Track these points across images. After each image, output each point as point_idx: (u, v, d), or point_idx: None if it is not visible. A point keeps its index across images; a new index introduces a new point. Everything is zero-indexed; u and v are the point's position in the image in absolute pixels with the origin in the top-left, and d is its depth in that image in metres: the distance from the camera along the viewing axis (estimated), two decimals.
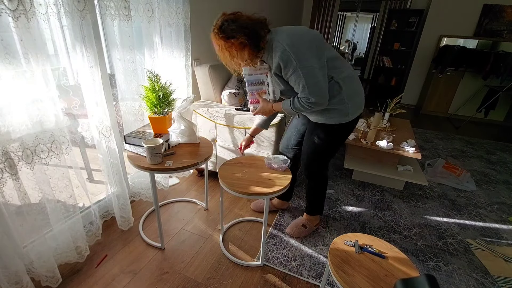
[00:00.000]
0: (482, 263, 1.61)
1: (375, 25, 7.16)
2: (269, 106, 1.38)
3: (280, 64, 1.18)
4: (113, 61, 1.57)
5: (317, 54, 1.19)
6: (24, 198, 1.15)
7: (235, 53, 1.19)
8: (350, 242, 1.07)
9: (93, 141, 1.51)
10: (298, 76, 1.17)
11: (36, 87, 1.11)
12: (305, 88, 1.18)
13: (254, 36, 1.17)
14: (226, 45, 1.18)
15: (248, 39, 1.15)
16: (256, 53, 1.21)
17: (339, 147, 1.51)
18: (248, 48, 1.17)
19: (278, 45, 1.16)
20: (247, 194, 1.27)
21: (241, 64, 1.26)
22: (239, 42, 1.15)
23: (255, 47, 1.19)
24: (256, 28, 1.18)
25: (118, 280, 1.37)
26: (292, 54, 1.14)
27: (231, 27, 1.16)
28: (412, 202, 2.17)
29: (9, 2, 0.97)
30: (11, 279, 1.15)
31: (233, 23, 1.16)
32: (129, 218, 1.71)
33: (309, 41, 1.18)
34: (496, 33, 4.30)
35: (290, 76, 1.20)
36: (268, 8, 3.60)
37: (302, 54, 1.15)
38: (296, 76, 1.17)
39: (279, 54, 1.16)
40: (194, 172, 2.39)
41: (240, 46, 1.16)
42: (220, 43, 1.19)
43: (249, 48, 1.18)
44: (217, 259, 1.53)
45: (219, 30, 1.17)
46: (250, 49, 1.18)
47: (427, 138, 3.67)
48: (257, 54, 1.22)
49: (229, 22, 1.17)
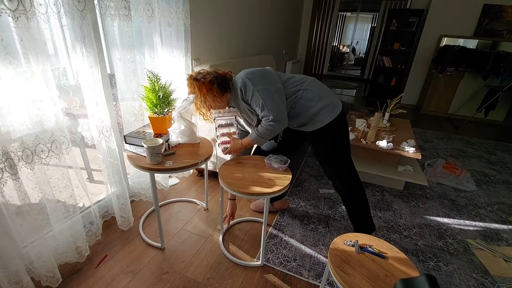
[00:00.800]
0: (482, 263, 1.61)
1: (375, 25, 7.17)
2: (239, 143, 1.48)
3: (242, 90, 1.36)
4: (113, 61, 1.57)
5: (270, 82, 1.37)
6: (24, 198, 1.15)
7: (205, 91, 1.39)
8: (350, 242, 1.07)
9: (93, 141, 1.51)
10: (256, 97, 1.33)
11: (36, 87, 1.11)
12: (264, 106, 1.32)
13: (220, 77, 1.42)
14: (198, 84, 1.40)
15: (215, 78, 1.40)
16: (223, 91, 1.42)
17: (347, 142, 1.52)
18: (216, 86, 1.39)
19: (238, 80, 1.38)
20: (247, 194, 1.27)
21: (212, 106, 1.45)
22: (209, 80, 1.38)
23: (222, 86, 1.41)
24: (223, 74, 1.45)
25: (118, 280, 1.37)
26: (248, 81, 1.34)
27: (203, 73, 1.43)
28: (412, 202, 2.17)
29: (9, 2, 0.97)
30: (11, 279, 1.15)
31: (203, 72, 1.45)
32: (129, 218, 1.71)
33: (258, 72, 1.39)
34: (496, 33, 4.30)
35: (250, 99, 1.36)
36: (268, 8, 3.60)
37: (257, 81, 1.35)
38: (255, 97, 1.34)
39: (239, 83, 1.36)
40: (194, 172, 2.39)
41: (210, 84, 1.38)
42: (192, 84, 1.42)
43: (217, 86, 1.39)
44: (217, 259, 1.53)
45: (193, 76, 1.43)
46: (218, 86, 1.40)
47: (427, 138, 3.67)
48: (224, 92, 1.43)
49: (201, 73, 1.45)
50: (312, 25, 5.42)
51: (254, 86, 1.33)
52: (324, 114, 1.39)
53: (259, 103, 1.33)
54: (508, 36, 4.25)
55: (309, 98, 1.39)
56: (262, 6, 3.39)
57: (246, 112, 1.48)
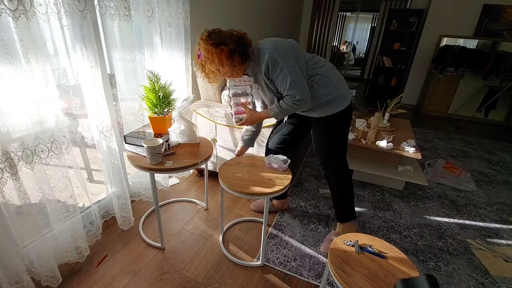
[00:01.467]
0: (482, 263, 1.61)
1: (375, 25, 7.16)
2: (257, 115, 1.42)
3: (268, 65, 1.24)
4: (113, 61, 1.57)
5: (297, 58, 1.30)
6: (24, 198, 1.15)
7: (224, 60, 1.24)
8: (350, 242, 1.07)
9: (93, 141, 1.51)
10: (285, 74, 1.23)
11: (36, 87, 1.11)
12: (292, 84, 1.24)
13: (241, 43, 1.25)
14: (216, 51, 1.22)
15: (237, 45, 1.23)
16: (244, 61, 1.28)
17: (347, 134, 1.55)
18: (238, 55, 1.25)
19: (264, 50, 1.25)
20: (247, 194, 1.27)
21: (227, 74, 1.31)
22: (229, 49, 1.22)
23: (243, 55, 1.27)
24: (242, 37, 1.27)
25: (118, 280, 1.37)
26: (278, 55, 1.23)
27: (219, 35, 1.23)
28: (412, 202, 2.17)
29: (9, 2, 0.97)
30: (12, 278, 1.15)
31: (220, 33, 1.25)
32: (130, 217, 1.71)
33: (288, 46, 1.30)
34: (496, 33, 4.30)
35: (277, 76, 1.25)
36: (268, 8, 3.60)
37: (286, 55, 1.24)
38: (283, 74, 1.24)
39: (267, 56, 1.23)
40: (194, 172, 2.39)
41: (229, 53, 1.23)
42: (209, 49, 1.23)
43: (238, 55, 1.25)
44: (217, 259, 1.53)
45: (209, 38, 1.23)
46: (239, 56, 1.25)
47: (427, 138, 3.67)
48: (244, 62, 1.29)
49: (216, 33, 1.24)
50: (312, 25, 5.42)
51: (284, 62, 1.23)
52: (336, 103, 1.39)
53: (287, 80, 1.24)
54: (508, 36, 4.25)
55: (324, 85, 1.36)
56: (262, 6, 3.39)
57: (261, 84, 1.39)
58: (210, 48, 1.22)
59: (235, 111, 1.45)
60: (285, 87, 1.26)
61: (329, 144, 1.52)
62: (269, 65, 1.24)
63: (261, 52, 1.26)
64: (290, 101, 1.28)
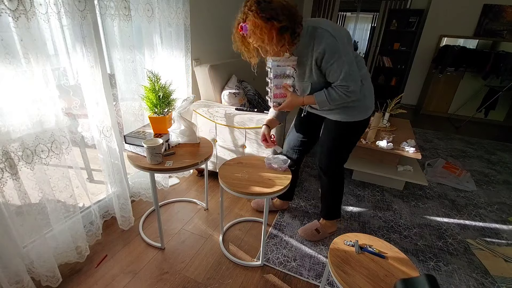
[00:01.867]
0: (482, 263, 1.61)
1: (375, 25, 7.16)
2: (299, 100, 1.30)
3: (325, 50, 1.12)
4: (113, 61, 1.57)
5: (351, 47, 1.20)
6: (24, 198, 1.15)
7: (273, 37, 1.07)
8: (350, 242, 1.07)
9: (93, 141, 1.51)
10: (341, 63, 1.13)
11: (36, 87, 1.11)
12: (347, 74, 1.14)
13: (294, 20, 1.09)
14: (266, 27, 1.05)
15: (289, 22, 1.07)
16: (294, 40, 1.12)
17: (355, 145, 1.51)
18: (289, 33, 1.09)
19: (324, 33, 1.11)
20: (247, 194, 1.27)
21: (272, 52, 1.15)
22: (281, 26, 1.06)
23: (294, 33, 1.11)
24: (295, 12, 1.10)
25: (118, 280, 1.37)
26: (338, 41, 1.11)
27: (270, 7, 1.04)
28: (412, 202, 2.17)
29: (9, 2, 0.97)
30: (12, 278, 1.15)
31: (270, 4, 1.05)
32: (130, 217, 1.71)
33: (344, 33, 1.17)
34: (496, 33, 4.30)
35: (332, 63, 1.14)
36: None
37: (344, 44, 1.13)
38: (339, 63, 1.13)
39: (325, 40, 1.11)
40: (194, 172, 2.39)
41: (280, 30, 1.06)
42: (258, 23, 1.04)
43: (289, 34, 1.09)
44: (217, 259, 1.53)
45: (258, 10, 1.03)
46: (289, 34, 1.09)
47: (427, 138, 3.67)
48: (294, 41, 1.13)
49: (266, 3, 1.05)
50: None
51: (343, 49, 1.12)
52: (358, 112, 1.34)
53: (342, 69, 1.13)
54: (508, 36, 4.25)
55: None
56: None
57: (304, 67, 1.25)
58: (260, 22, 1.04)
59: (275, 94, 1.33)
60: (338, 76, 1.16)
61: (335, 147, 1.48)
62: (326, 50, 1.12)
63: (318, 34, 1.12)
64: (342, 91, 1.18)
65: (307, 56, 1.20)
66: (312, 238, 1.68)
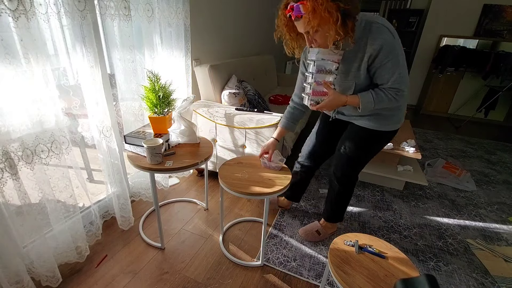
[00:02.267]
0: (482, 263, 1.61)
1: None
2: (342, 99, 1.17)
3: (382, 47, 1.03)
4: (113, 61, 1.57)
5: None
6: (24, 198, 1.15)
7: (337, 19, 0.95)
8: (350, 242, 1.07)
9: (93, 141, 1.51)
10: (396, 64, 1.06)
11: (36, 87, 1.11)
12: (400, 76, 1.08)
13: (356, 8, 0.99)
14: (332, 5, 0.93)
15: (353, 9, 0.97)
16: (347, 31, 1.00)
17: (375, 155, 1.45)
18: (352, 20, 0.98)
19: (381, 28, 1.03)
20: (247, 194, 1.27)
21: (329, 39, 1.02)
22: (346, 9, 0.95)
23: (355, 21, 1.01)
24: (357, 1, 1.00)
25: (118, 280, 1.37)
26: (396, 40, 1.05)
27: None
28: (412, 202, 2.17)
29: (9, 2, 0.97)
30: (12, 278, 1.15)
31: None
32: (130, 217, 1.71)
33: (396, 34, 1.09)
34: (496, 33, 4.30)
35: (386, 63, 1.06)
36: (268, 8, 3.60)
37: (400, 44, 1.07)
38: (394, 63, 1.06)
39: (384, 36, 1.02)
40: (194, 172, 2.39)
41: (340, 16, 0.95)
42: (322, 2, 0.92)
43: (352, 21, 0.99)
44: (217, 259, 1.53)
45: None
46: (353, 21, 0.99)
47: (427, 138, 3.67)
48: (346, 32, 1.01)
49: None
50: None
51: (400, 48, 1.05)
52: (388, 121, 1.28)
53: (396, 71, 1.06)
54: (508, 36, 4.25)
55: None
56: (262, 6, 3.39)
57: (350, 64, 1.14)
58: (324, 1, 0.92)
59: (313, 91, 1.19)
60: (390, 77, 1.08)
61: (358, 155, 1.40)
62: (384, 47, 1.03)
63: (374, 28, 1.03)
64: (392, 94, 1.11)
65: (356, 52, 1.09)
66: (312, 239, 1.68)
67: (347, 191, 1.55)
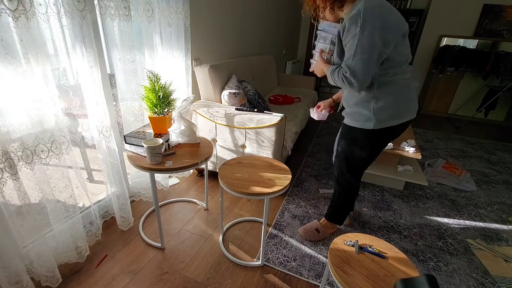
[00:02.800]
0: (482, 263, 1.61)
1: None
2: (323, 66, 1.28)
3: (346, 23, 1.08)
4: (113, 61, 1.57)
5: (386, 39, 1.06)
6: (24, 198, 1.15)
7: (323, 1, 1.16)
8: (350, 242, 1.07)
9: (93, 141, 1.51)
10: (353, 44, 1.06)
11: (36, 87, 1.11)
12: (351, 57, 1.08)
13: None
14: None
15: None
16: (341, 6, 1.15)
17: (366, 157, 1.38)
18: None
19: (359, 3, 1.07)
20: (247, 194, 1.27)
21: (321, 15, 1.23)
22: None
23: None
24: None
25: (118, 280, 1.37)
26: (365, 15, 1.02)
27: None
28: (412, 202, 2.17)
29: (9, 2, 0.97)
30: (11, 278, 1.15)
31: None
32: (129, 218, 1.71)
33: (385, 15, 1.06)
34: (496, 33, 4.30)
35: (348, 41, 1.09)
36: (268, 8, 3.60)
37: (372, 26, 1.02)
38: (351, 43, 1.07)
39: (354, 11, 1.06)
40: (194, 172, 2.39)
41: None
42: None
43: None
44: (217, 259, 1.53)
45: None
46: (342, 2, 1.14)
47: (427, 138, 3.67)
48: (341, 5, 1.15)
49: None
50: (312, 25, 5.41)
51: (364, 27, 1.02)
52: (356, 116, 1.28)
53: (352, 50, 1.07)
54: (508, 36, 4.25)
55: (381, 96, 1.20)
56: (262, 6, 3.39)
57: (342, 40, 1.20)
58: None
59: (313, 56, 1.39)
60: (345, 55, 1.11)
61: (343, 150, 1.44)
62: (347, 23, 1.07)
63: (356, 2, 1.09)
64: (341, 73, 1.12)
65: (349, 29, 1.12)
66: (312, 238, 1.68)
67: (345, 193, 1.57)
